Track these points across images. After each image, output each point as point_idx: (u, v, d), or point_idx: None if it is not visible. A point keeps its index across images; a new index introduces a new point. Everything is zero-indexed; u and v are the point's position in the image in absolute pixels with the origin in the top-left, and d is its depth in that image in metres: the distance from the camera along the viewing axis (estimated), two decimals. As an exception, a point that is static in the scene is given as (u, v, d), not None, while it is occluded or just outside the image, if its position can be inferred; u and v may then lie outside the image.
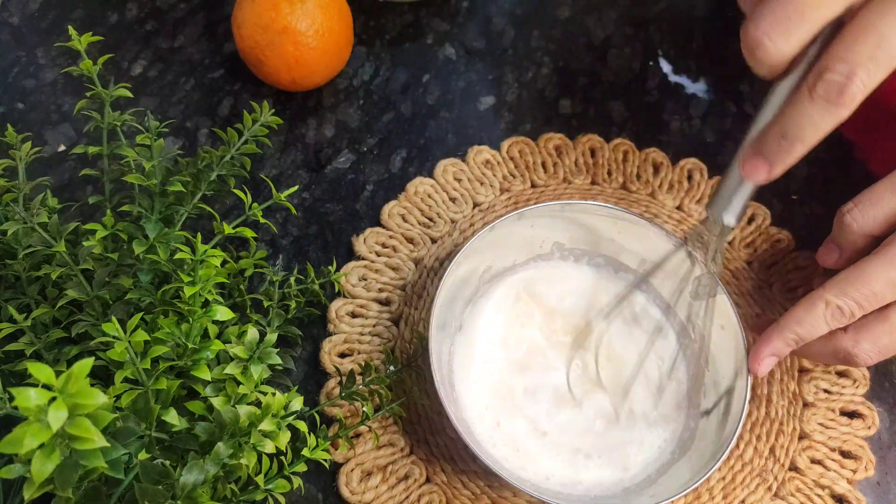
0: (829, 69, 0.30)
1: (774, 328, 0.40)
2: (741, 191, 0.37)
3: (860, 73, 0.29)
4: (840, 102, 0.30)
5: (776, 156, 0.34)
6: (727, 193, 0.37)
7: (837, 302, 0.38)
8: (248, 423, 0.33)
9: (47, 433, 0.24)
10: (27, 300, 0.40)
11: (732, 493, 0.44)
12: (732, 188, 0.37)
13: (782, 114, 0.33)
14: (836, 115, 0.31)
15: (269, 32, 0.51)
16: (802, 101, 0.31)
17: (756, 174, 0.35)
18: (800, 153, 0.33)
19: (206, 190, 0.44)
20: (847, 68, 0.29)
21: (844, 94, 0.30)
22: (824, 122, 0.31)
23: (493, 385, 0.45)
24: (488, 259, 0.47)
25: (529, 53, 0.61)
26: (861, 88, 0.30)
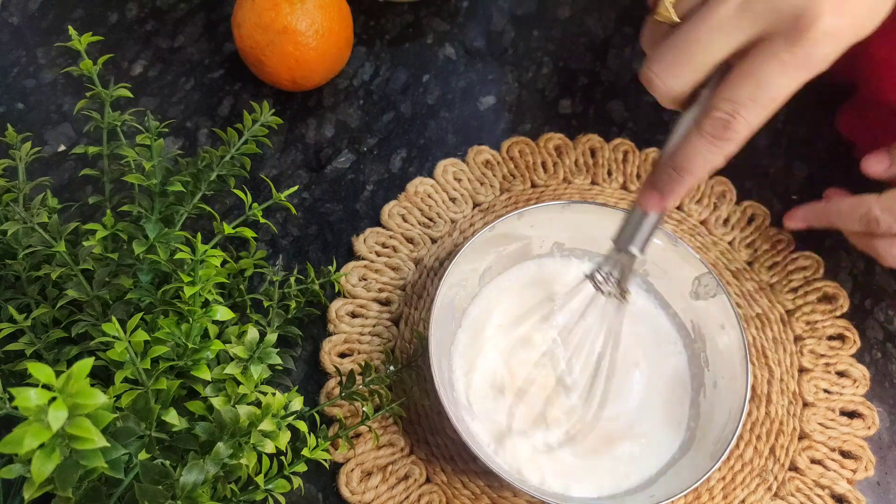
0: (715, 108, 0.33)
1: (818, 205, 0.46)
2: (644, 223, 0.39)
3: (743, 112, 0.32)
4: (726, 138, 0.33)
5: (667, 186, 0.36)
6: (631, 227, 0.39)
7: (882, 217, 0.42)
8: (248, 423, 0.33)
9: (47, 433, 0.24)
10: (27, 300, 0.40)
11: (732, 493, 0.44)
12: (636, 222, 0.39)
13: (675, 148, 0.35)
14: (722, 150, 0.34)
15: (270, 32, 0.51)
16: (692, 137, 0.34)
17: (649, 204, 0.37)
18: (689, 184, 0.36)
19: (206, 190, 0.44)
20: (731, 107, 0.32)
21: (728, 130, 0.33)
22: (712, 156, 0.34)
23: (492, 384, 0.45)
24: (488, 259, 0.47)
25: (529, 53, 0.61)
26: (745, 125, 0.32)
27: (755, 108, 0.32)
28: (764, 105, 0.32)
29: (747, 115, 0.32)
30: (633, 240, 0.39)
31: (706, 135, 0.33)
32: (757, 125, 0.33)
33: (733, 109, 0.32)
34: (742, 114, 0.32)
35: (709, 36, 0.32)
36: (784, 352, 0.48)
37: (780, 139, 0.58)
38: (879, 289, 0.52)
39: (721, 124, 0.33)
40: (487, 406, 0.44)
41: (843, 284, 0.51)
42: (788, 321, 0.49)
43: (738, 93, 0.32)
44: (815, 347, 0.48)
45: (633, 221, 0.39)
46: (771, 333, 0.49)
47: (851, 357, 0.48)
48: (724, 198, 0.54)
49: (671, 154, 0.35)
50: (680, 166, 0.35)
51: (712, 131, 0.33)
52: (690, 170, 0.35)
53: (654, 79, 0.34)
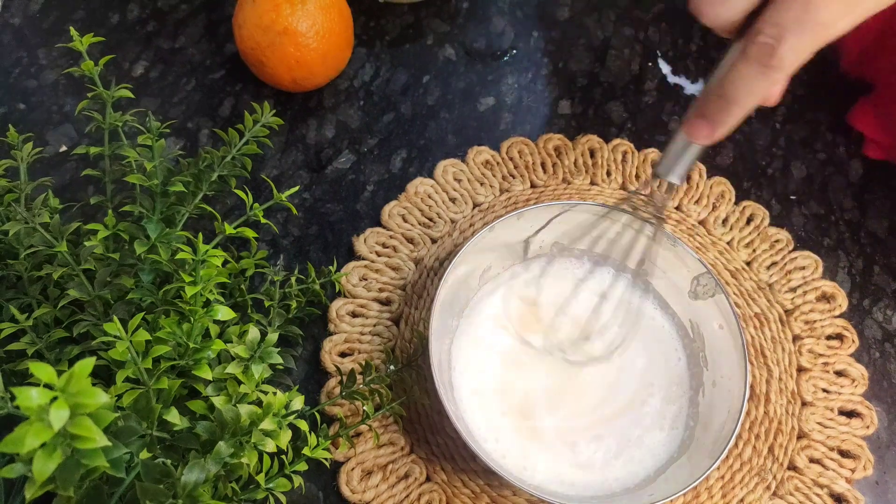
0: (761, 32, 0.31)
1: None
2: (687, 153, 0.38)
3: (788, 36, 0.30)
4: (771, 64, 0.31)
5: (716, 115, 0.35)
6: (673, 155, 0.39)
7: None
8: (250, 423, 0.33)
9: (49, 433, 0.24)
10: (29, 300, 0.41)
11: (731, 493, 0.44)
12: (679, 150, 0.38)
13: (723, 76, 0.34)
14: (768, 77, 0.32)
15: (270, 33, 0.51)
16: (738, 64, 0.32)
17: (698, 134, 0.36)
18: (738, 115, 0.34)
19: (207, 190, 0.44)
20: (776, 32, 0.30)
21: (774, 56, 0.31)
22: (758, 84, 0.32)
23: (492, 384, 0.45)
24: (488, 259, 0.47)
25: (529, 54, 0.61)
26: (791, 51, 0.31)
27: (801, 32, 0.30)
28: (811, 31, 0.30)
29: (793, 40, 0.30)
30: (673, 169, 0.39)
31: (752, 61, 0.32)
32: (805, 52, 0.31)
33: (778, 33, 0.30)
34: (787, 38, 0.30)
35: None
36: (783, 351, 0.48)
37: (778, 139, 0.58)
38: (878, 288, 0.52)
39: (767, 49, 0.31)
40: (487, 405, 0.44)
41: (842, 284, 0.51)
42: (787, 321, 0.50)
43: (784, 16, 0.30)
44: (814, 347, 0.49)
45: (676, 150, 0.38)
46: (769, 333, 0.49)
47: (850, 356, 0.49)
48: (723, 198, 0.54)
49: (718, 82, 0.34)
50: (727, 94, 0.33)
51: (758, 57, 0.31)
52: (736, 98, 0.33)
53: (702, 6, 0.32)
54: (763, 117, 0.59)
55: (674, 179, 0.40)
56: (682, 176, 0.40)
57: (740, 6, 0.32)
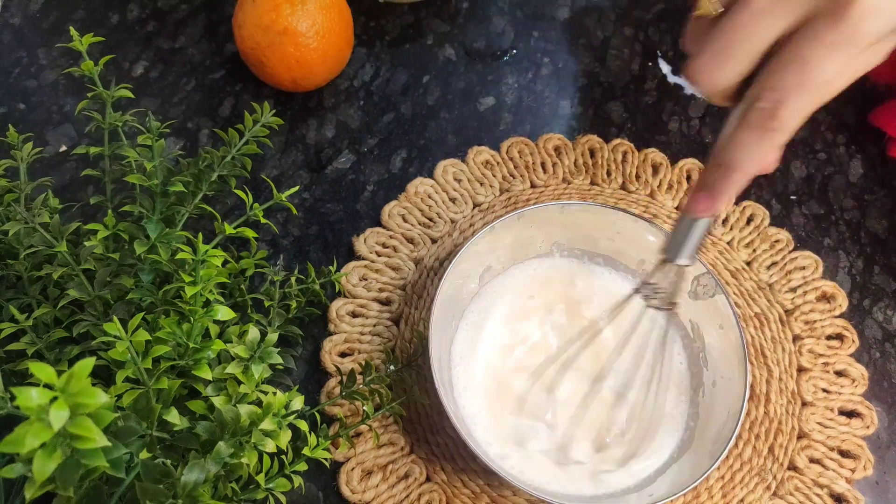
0: (759, 98, 0.31)
1: None
2: (693, 230, 0.37)
3: (788, 100, 0.30)
4: (772, 128, 0.31)
5: (716, 185, 0.34)
6: (680, 236, 0.37)
7: None
8: (249, 423, 0.33)
9: (49, 433, 0.24)
10: (29, 300, 0.41)
11: (731, 493, 0.44)
12: (685, 230, 0.37)
13: (723, 146, 0.33)
14: (770, 141, 0.32)
15: (270, 33, 0.51)
16: (738, 131, 0.32)
17: (699, 208, 0.35)
18: (740, 182, 0.34)
19: (207, 190, 0.44)
20: (775, 96, 0.30)
21: (774, 119, 0.31)
22: (759, 149, 0.32)
23: (492, 384, 0.45)
24: (488, 259, 0.47)
25: (529, 54, 0.61)
26: (791, 113, 0.31)
27: (801, 94, 0.30)
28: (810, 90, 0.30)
29: (793, 103, 0.30)
30: (682, 250, 0.38)
31: (752, 127, 0.31)
32: (806, 112, 0.31)
33: (778, 97, 0.30)
34: (788, 102, 0.30)
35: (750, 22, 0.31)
36: (783, 351, 0.48)
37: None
38: (878, 288, 0.52)
39: (766, 114, 0.31)
40: (487, 405, 0.44)
41: (842, 284, 0.51)
42: (787, 321, 0.50)
43: (783, 79, 0.30)
44: (814, 347, 0.49)
45: (682, 230, 0.37)
46: (770, 333, 0.49)
47: (850, 356, 0.49)
48: (724, 198, 0.54)
49: (718, 152, 0.34)
50: (727, 163, 0.33)
51: (757, 122, 0.31)
52: (738, 166, 0.33)
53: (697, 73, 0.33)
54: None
55: (683, 261, 0.38)
56: (692, 256, 0.38)
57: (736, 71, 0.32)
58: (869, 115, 0.57)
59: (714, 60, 0.32)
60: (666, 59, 0.62)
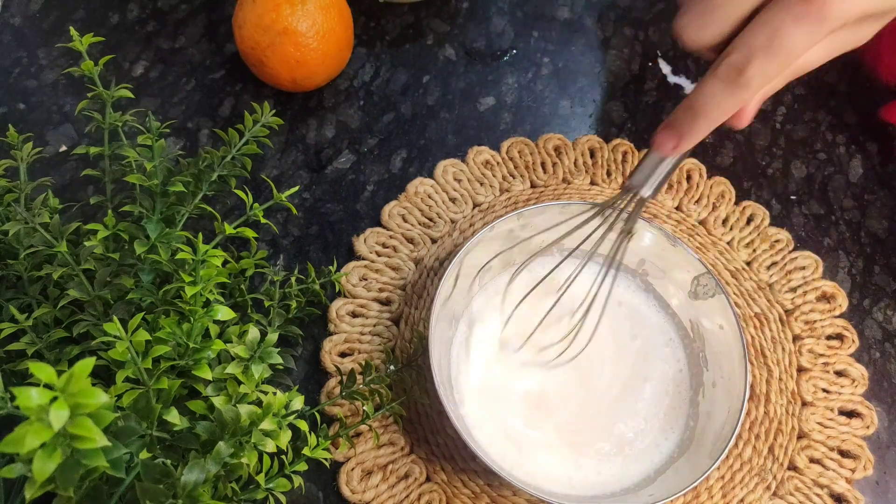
0: (730, 53, 0.33)
1: None
2: (660, 167, 0.39)
3: (756, 60, 0.32)
4: (738, 83, 0.33)
5: (682, 127, 0.36)
6: (647, 168, 0.39)
7: None
8: (249, 423, 0.33)
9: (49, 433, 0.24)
10: (29, 300, 0.41)
11: (731, 493, 0.44)
12: (652, 164, 0.39)
13: (693, 90, 0.35)
14: (734, 96, 0.34)
15: (270, 33, 0.51)
16: (708, 79, 0.34)
17: (664, 145, 0.37)
18: (704, 128, 0.36)
19: (207, 190, 0.44)
20: (745, 53, 0.32)
21: (742, 75, 0.33)
22: (725, 101, 0.34)
23: (492, 384, 0.45)
24: (488, 259, 0.47)
25: (529, 54, 0.61)
26: (757, 73, 0.32)
27: (768, 57, 0.32)
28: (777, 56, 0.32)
29: (760, 64, 0.32)
30: (646, 182, 0.39)
31: (719, 78, 0.33)
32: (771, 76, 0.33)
33: (746, 56, 0.32)
34: (755, 60, 0.32)
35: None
36: (783, 351, 0.48)
37: (778, 139, 0.58)
38: (878, 288, 0.52)
39: (734, 69, 0.33)
40: (487, 405, 0.44)
41: (842, 284, 0.51)
42: (787, 321, 0.50)
43: (753, 40, 0.32)
44: (814, 347, 0.49)
45: (649, 164, 0.39)
46: (770, 333, 0.49)
47: (850, 356, 0.49)
48: (723, 198, 0.54)
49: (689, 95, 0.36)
50: (694, 107, 0.35)
51: (726, 75, 0.33)
52: (704, 111, 0.35)
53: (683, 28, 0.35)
54: (763, 117, 0.59)
55: (645, 192, 0.40)
56: (655, 189, 0.40)
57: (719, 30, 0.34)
58: (880, 111, 0.57)
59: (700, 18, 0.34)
60: (666, 60, 0.62)
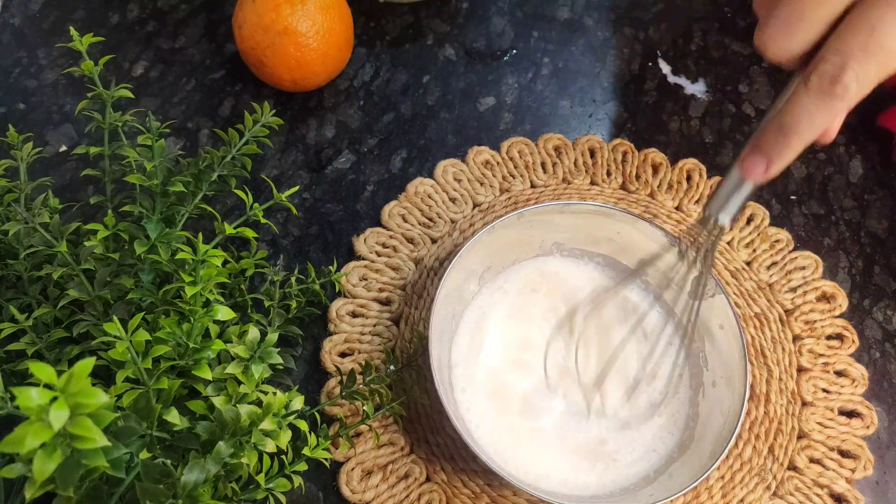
0: (823, 60, 0.30)
1: None
2: (739, 192, 0.37)
3: (852, 64, 0.29)
4: (833, 93, 0.30)
5: (773, 150, 0.33)
6: (725, 194, 0.37)
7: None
8: (249, 423, 0.33)
9: (49, 433, 0.24)
10: (29, 300, 0.41)
11: (731, 493, 0.44)
12: (731, 189, 0.37)
13: (781, 108, 0.33)
14: (830, 107, 0.31)
15: (270, 33, 0.51)
16: (798, 94, 0.31)
17: (754, 171, 0.34)
18: (796, 148, 0.33)
19: (207, 190, 0.44)
20: (839, 60, 0.29)
21: (837, 84, 0.30)
22: (819, 114, 0.31)
23: (492, 384, 0.45)
24: (489, 259, 0.47)
25: (529, 54, 0.61)
26: (855, 78, 0.30)
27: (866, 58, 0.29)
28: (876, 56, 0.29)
29: (857, 67, 0.29)
30: (724, 208, 0.37)
31: (812, 89, 0.30)
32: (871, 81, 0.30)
33: (842, 62, 0.29)
34: (851, 65, 0.29)
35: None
36: (783, 351, 0.48)
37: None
38: (878, 288, 0.52)
39: (829, 78, 0.30)
40: (487, 405, 0.44)
41: (842, 284, 0.51)
42: (787, 321, 0.50)
43: (848, 42, 0.29)
44: (814, 347, 0.49)
45: (728, 188, 0.37)
46: (770, 333, 0.49)
47: (850, 356, 0.49)
48: (724, 198, 0.54)
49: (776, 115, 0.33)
50: (785, 126, 0.32)
51: (819, 85, 0.30)
52: (797, 130, 0.32)
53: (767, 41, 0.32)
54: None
55: (724, 221, 0.37)
56: (734, 217, 0.37)
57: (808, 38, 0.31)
58: (878, 117, 0.57)
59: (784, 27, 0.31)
60: (666, 60, 0.62)
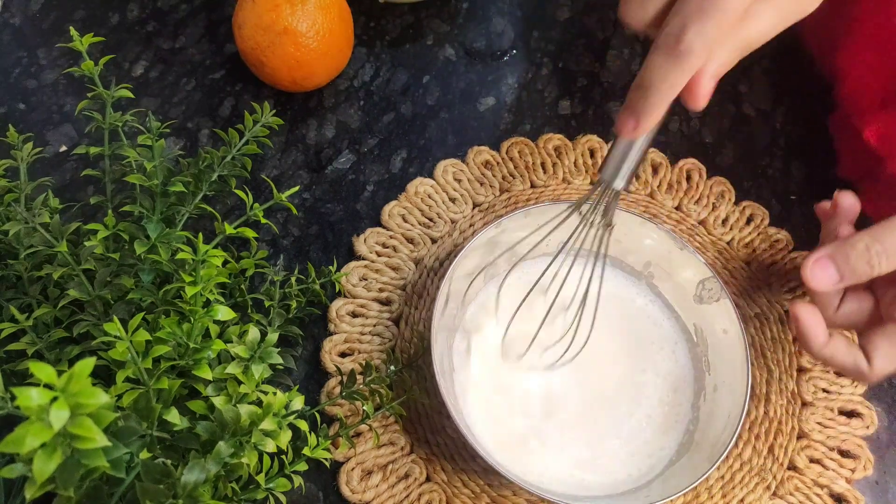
0: (667, 23, 0.34)
1: None
2: (629, 155, 0.38)
3: (691, 24, 0.32)
4: (678, 51, 0.33)
5: (637, 105, 0.36)
6: (616, 159, 0.39)
7: None
8: (250, 423, 0.33)
9: (49, 433, 0.24)
10: (29, 300, 0.41)
11: (731, 493, 0.44)
12: (620, 153, 0.39)
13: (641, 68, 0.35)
14: (678, 65, 0.33)
15: (270, 33, 0.51)
16: (650, 54, 0.34)
17: (625, 127, 0.37)
18: (657, 104, 0.35)
19: (207, 190, 0.44)
20: (680, 20, 0.33)
21: (680, 42, 0.33)
22: (670, 71, 0.34)
23: (493, 384, 0.45)
24: (489, 258, 0.47)
25: (529, 54, 0.61)
26: (696, 36, 0.32)
27: (703, 18, 0.32)
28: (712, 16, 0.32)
29: (697, 26, 0.32)
30: (617, 173, 0.39)
31: (660, 49, 0.34)
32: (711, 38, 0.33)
33: (682, 21, 0.33)
34: (691, 25, 0.32)
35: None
36: (783, 351, 0.48)
37: (778, 139, 0.58)
38: (878, 289, 0.52)
39: (672, 37, 0.33)
40: (488, 405, 0.44)
41: (842, 284, 0.51)
42: (787, 321, 0.50)
43: (686, 5, 0.33)
44: (814, 347, 0.49)
45: (617, 153, 0.39)
46: (770, 333, 0.49)
47: (850, 357, 0.49)
48: (723, 198, 0.54)
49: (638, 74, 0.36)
50: (642, 84, 0.35)
51: (665, 44, 0.33)
52: (652, 86, 0.35)
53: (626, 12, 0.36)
54: (763, 117, 0.59)
55: (618, 184, 0.39)
56: (627, 179, 0.39)
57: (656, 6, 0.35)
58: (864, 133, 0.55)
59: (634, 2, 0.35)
60: (666, 60, 0.61)
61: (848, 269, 0.38)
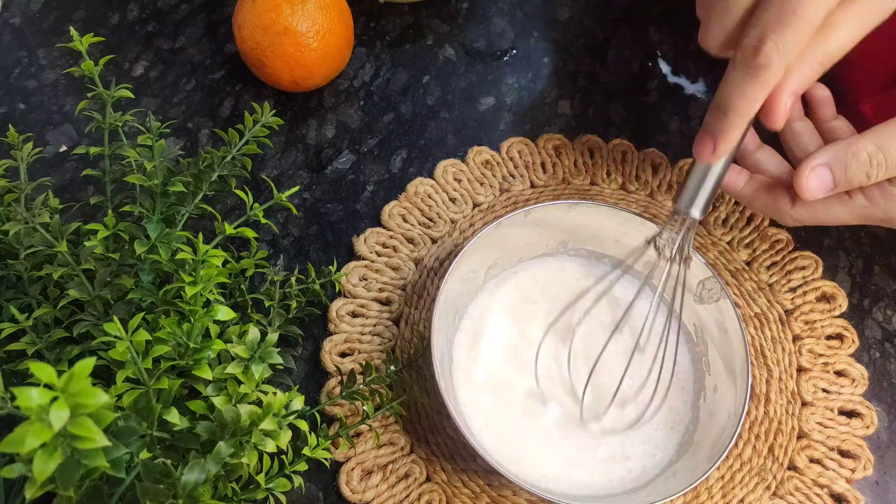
0: (745, 36, 0.32)
1: None
2: (705, 182, 0.37)
3: (770, 35, 0.31)
4: (757, 64, 0.32)
5: (715, 128, 0.35)
6: (692, 186, 0.38)
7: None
8: (250, 423, 0.33)
9: (49, 433, 0.24)
10: (29, 300, 0.41)
11: (731, 493, 0.44)
12: (697, 180, 0.37)
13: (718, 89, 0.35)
14: (757, 78, 0.32)
15: (270, 33, 0.51)
16: (727, 73, 0.34)
17: (703, 152, 0.36)
18: (736, 124, 0.34)
19: (207, 190, 0.44)
20: (757, 33, 0.32)
21: (758, 55, 0.32)
22: (749, 88, 0.33)
23: (493, 384, 0.45)
24: (492, 257, 0.47)
25: (529, 54, 0.61)
26: (774, 48, 0.31)
27: (781, 27, 0.31)
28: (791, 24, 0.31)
29: (774, 37, 0.31)
30: (693, 201, 0.38)
31: (738, 66, 0.33)
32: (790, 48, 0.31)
33: (760, 33, 0.31)
34: (769, 36, 0.31)
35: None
36: (783, 351, 0.48)
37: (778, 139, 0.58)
38: (878, 288, 0.52)
39: (750, 52, 0.32)
40: (488, 404, 0.44)
41: (842, 284, 0.51)
42: (787, 321, 0.50)
43: (763, 17, 0.32)
44: (814, 347, 0.49)
45: (693, 179, 0.37)
46: (770, 333, 0.49)
47: (850, 356, 0.49)
48: (723, 198, 0.54)
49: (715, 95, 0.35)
50: (721, 104, 0.34)
51: (742, 59, 0.32)
52: (731, 105, 0.34)
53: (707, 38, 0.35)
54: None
55: (694, 213, 0.38)
56: (704, 208, 0.38)
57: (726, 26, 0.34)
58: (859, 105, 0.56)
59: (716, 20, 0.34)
60: (666, 60, 0.62)
61: (844, 179, 0.37)
